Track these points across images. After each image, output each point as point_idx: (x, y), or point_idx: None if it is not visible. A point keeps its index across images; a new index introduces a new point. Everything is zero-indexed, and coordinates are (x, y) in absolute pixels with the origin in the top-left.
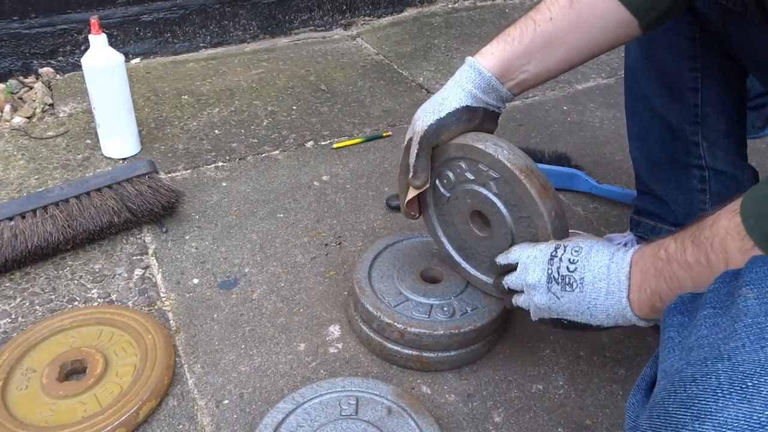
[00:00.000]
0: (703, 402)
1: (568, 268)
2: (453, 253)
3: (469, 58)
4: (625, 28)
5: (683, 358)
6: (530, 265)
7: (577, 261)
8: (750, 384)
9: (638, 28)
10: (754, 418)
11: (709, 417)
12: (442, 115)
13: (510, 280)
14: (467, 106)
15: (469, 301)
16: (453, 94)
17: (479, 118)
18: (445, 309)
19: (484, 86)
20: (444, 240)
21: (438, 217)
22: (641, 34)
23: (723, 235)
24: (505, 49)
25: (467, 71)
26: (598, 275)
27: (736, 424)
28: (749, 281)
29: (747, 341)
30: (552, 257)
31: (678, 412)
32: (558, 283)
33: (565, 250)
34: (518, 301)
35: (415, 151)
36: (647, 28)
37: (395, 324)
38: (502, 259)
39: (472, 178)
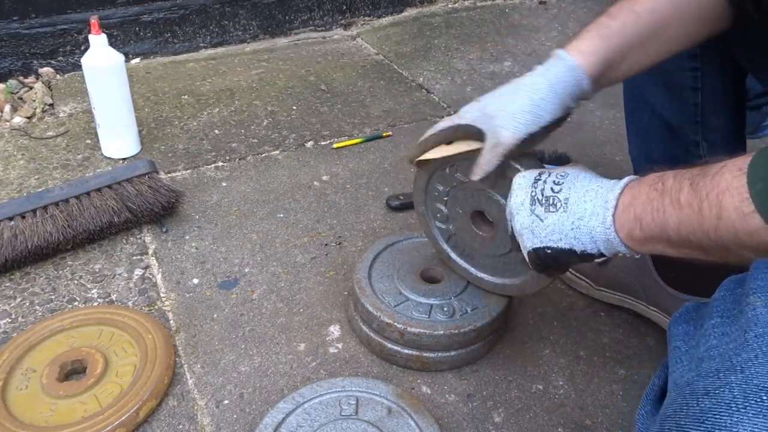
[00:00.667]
0: (717, 416)
1: (552, 189)
2: (454, 255)
3: (567, 57)
4: (721, 19)
5: (693, 369)
6: (515, 189)
7: (563, 183)
8: (765, 397)
9: (725, 19)
10: None
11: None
12: (536, 129)
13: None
14: (556, 117)
15: (469, 301)
16: (547, 101)
17: (560, 125)
18: (445, 309)
19: (578, 95)
20: (444, 245)
21: (436, 220)
22: (727, 26)
23: (723, 189)
24: (604, 46)
25: (565, 74)
26: (584, 195)
27: None
28: (756, 289)
29: (759, 352)
30: (536, 180)
31: (691, 427)
32: (542, 204)
33: (550, 174)
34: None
35: (496, 160)
36: (731, 20)
37: (395, 324)
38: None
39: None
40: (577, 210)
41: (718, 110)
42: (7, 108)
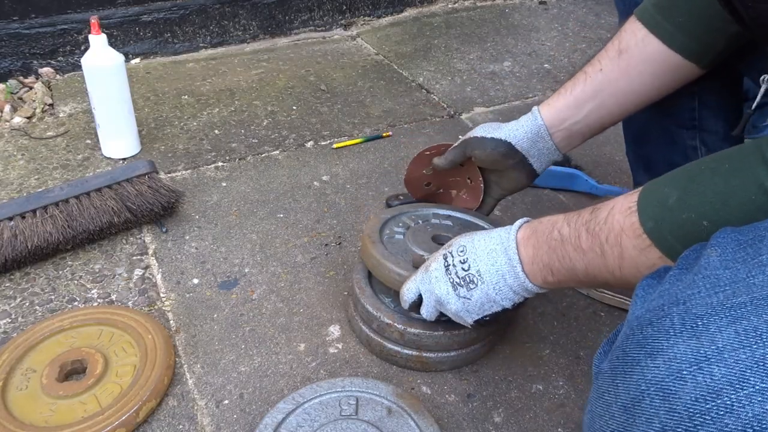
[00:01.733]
0: (657, 341)
1: (463, 269)
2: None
3: (535, 107)
4: (683, 70)
5: (643, 307)
6: (434, 281)
7: (467, 258)
8: (700, 323)
9: (699, 69)
10: (701, 352)
11: (660, 353)
12: (488, 137)
13: (426, 312)
14: (510, 143)
15: None
16: (510, 128)
17: (515, 160)
18: None
19: (533, 134)
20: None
21: (392, 249)
22: (703, 73)
23: (618, 231)
24: (558, 100)
25: (528, 117)
26: (490, 260)
27: (683, 358)
28: (715, 243)
29: (703, 288)
30: (446, 267)
31: (633, 352)
32: (462, 286)
33: (453, 256)
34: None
35: (455, 144)
36: (708, 68)
37: (395, 324)
38: (408, 298)
39: (427, 220)
40: (492, 277)
41: (716, 114)
42: (7, 108)
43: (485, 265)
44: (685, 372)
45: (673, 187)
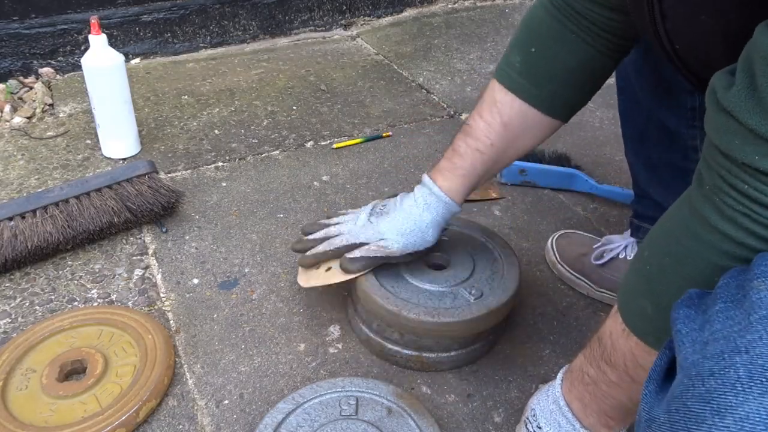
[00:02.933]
0: (723, 396)
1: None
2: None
3: (441, 195)
4: (551, 127)
5: (698, 351)
6: None
7: (541, 425)
8: None
9: (562, 122)
10: None
11: (729, 411)
12: (422, 249)
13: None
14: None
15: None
16: (427, 225)
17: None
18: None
19: (449, 217)
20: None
21: (383, 279)
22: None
23: (630, 354)
24: (464, 183)
25: (443, 208)
26: (550, 421)
27: (757, 418)
28: (760, 274)
29: (764, 333)
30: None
31: (697, 407)
32: None
33: (529, 421)
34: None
35: (377, 255)
36: (568, 119)
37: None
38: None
39: None
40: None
41: None
42: (7, 108)
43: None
44: None
45: (641, 296)
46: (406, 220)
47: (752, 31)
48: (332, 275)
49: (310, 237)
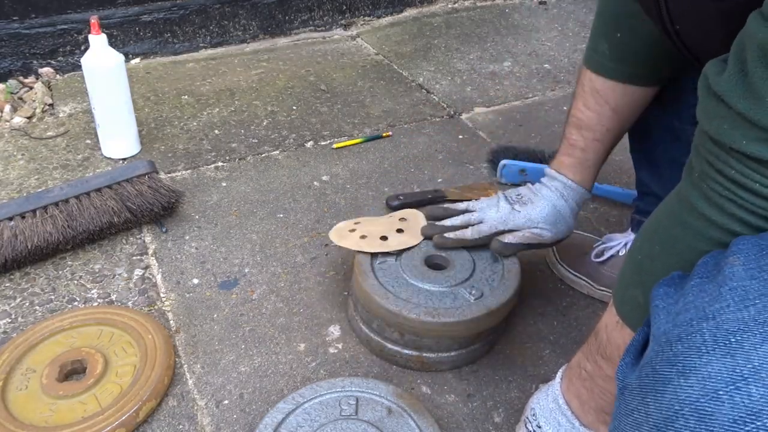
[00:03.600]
0: (688, 358)
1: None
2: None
3: (570, 183)
4: (653, 93)
5: (670, 321)
6: None
7: (541, 424)
8: (733, 340)
9: (660, 87)
10: (737, 371)
11: (693, 372)
12: (567, 235)
13: None
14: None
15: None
16: (569, 214)
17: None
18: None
19: (582, 203)
20: (391, 291)
21: (383, 279)
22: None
23: (624, 346)
24: (592, 173)
25: (572, 195)
26: (550, 420)
27: (719, 377)
28: (736, 251)
29: (731, 302)
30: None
31: (665, 370)
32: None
33: (529, 421)
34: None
35: (530, 242)
36: (666, 81)
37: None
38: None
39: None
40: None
41: None
42: (7, 108)
43: (552, 428)
44: (721, 392)
45: (633, 286)
46: (553, 209)
47: (748, 15)
48: (385, 245)
49: (448, 223)
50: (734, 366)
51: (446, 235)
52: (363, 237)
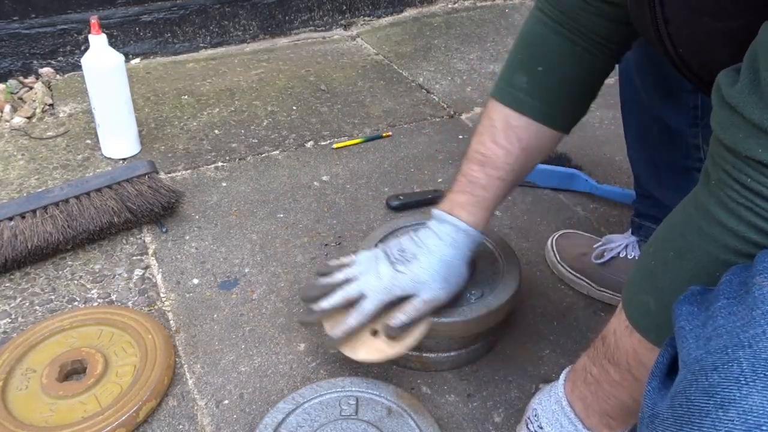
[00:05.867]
0: (726, 390)
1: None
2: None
3: (466, 227)
4: (559, 139)
5: (701, 347)
6: None
7: (543, 425)
8: None
9: (566, 134)
10: None
11: (733, 404)
12: (454, 290)
13: None
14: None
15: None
16: (461, 263)
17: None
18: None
19: (475, 248)
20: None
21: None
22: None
23: (632, 352)
24: (488, 215)
25: (469, 241)
26: (552, 422)
27: (761, 410)
28: (762, 270)
29: (767, 327)
30: None
31: (700, 401)
32: None
33: (531, 421)
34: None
35: (417, 314)
36: (571, 129)
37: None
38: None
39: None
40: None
41: None
42: (7, 108)
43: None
44: (764, 427)
45: (644, 292)
46: (441, 263)
47: (755, 32)
48: (388, 345)
49: (326, 305)
50: None
51: (332, 335)
52: (374, 332)
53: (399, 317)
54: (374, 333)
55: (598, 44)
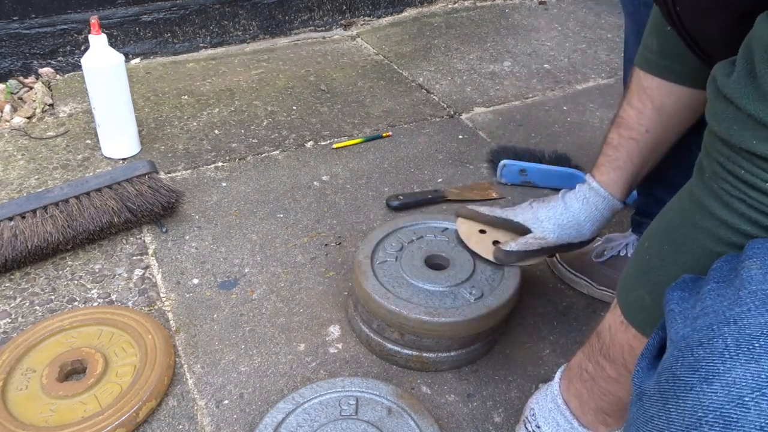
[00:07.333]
0: (711, 364)
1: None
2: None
3: (601, 190)
4: (698, 103)
5: (688, 325)
6: None
7: (540, 425)
8: (756, 345)
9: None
10: (762, 376)
11: (717, 377)
12: (576, 242)
13: None
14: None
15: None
16: (585, 219)
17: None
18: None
19: (608, 213)
20: (391, 292)
21: (383, 279)
22: None
23: (627, 347)
24: (624, 176)
25: (593, 198)
26: (549, 420)
27: (743, 383)
28: (752, 254)
29: (752, 305)
30: None
31: (686, 375)
32: None
33: (529, 421)
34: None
35: (535, 245)
36: None
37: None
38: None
39: (421, 236)
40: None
41: None
42: (7, 108)
43: (550, 428)
44: (746, 398)
45: (639, 286)
46: (564, 212)
47: (748, 6)
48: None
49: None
50: (759, 371)
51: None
52: (495, 242)
53: (510, 244)
54: (495, 243)
55: None
